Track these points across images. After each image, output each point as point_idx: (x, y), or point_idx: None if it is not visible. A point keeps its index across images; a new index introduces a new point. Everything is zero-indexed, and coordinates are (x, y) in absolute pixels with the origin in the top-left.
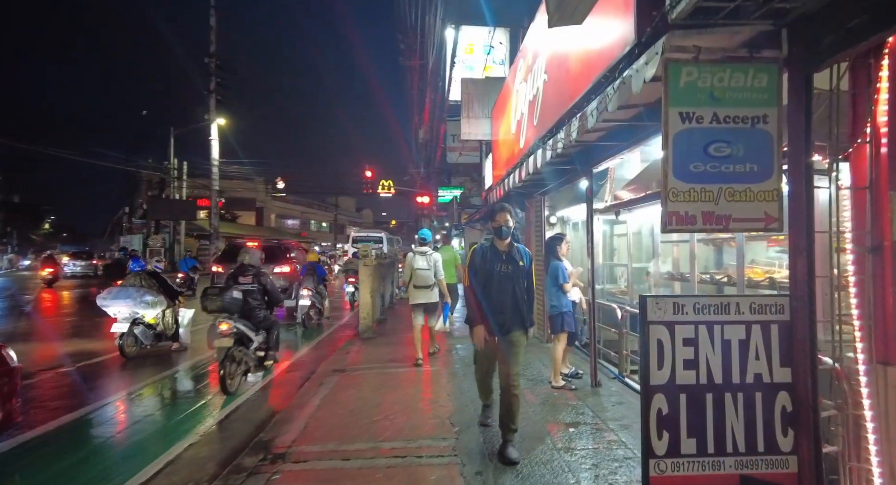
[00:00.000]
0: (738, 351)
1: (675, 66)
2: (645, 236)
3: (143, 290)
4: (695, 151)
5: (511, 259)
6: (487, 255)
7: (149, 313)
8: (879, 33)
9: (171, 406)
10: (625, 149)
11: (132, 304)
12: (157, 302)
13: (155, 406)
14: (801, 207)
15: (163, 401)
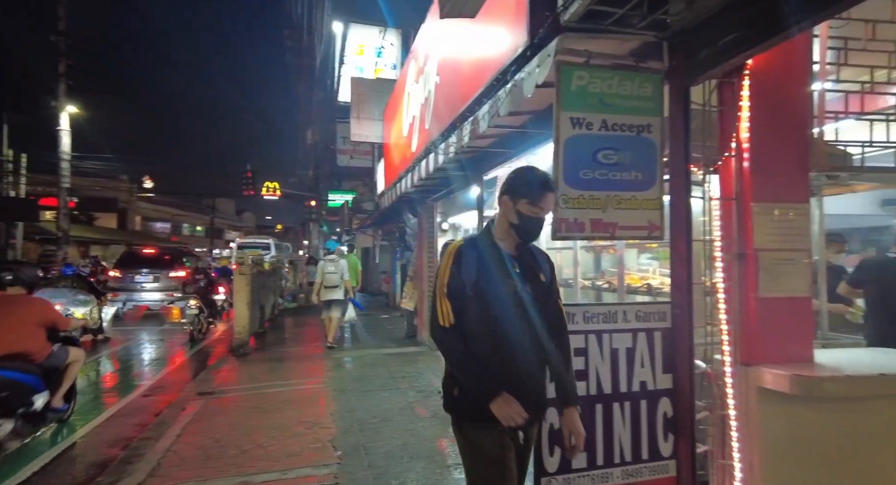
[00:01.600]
0: (626, 359)
1: (568, 69)
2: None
3: (76, 290)
4: (585, 157)
5: (527, 271)
6: (488, 263)
7: (80, 310)
8: (744, 52)
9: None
10: (514, 157)
11: (66, 302)
12: (88, 300)
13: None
14: (681, 216)
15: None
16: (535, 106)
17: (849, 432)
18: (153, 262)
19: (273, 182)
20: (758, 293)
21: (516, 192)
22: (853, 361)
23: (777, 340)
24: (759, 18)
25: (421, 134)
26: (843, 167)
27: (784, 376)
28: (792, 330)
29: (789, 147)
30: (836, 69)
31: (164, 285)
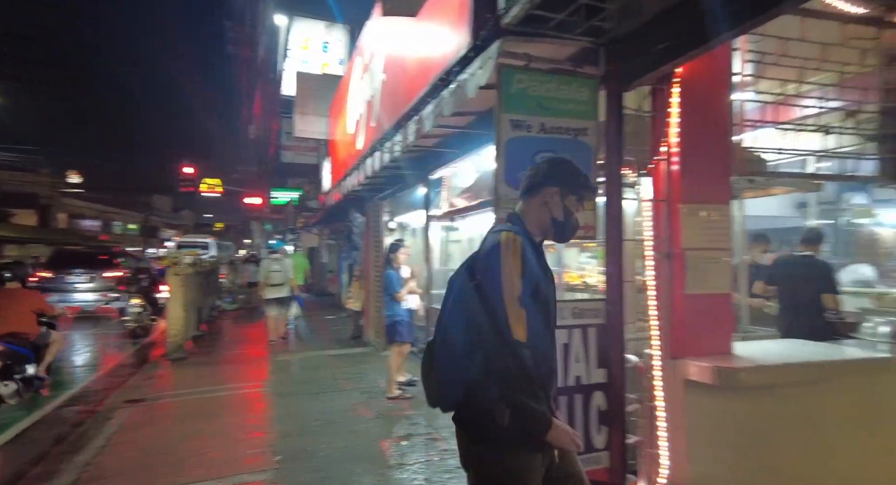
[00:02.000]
0: (563, 356)
1: (508, 71)
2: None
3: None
4: (524, 158)
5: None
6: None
7: None
8: (673, 61)
9: None
10: (459, 157)
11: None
12: None
13: None
14: (614, 217)
15: None
16: (479, 107)
17: (763, 417)
18: (87, 261)
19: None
20: (685, 290)
21: (569, 185)
22: (767, 352)
23: (701, 335)
24: (687, 30)
25: (367, 131)
26: (760, 172)
27: (707, 368)
28: (714, 325)
29: (713, 152)
30: (754, 81)
31: (98, 286)
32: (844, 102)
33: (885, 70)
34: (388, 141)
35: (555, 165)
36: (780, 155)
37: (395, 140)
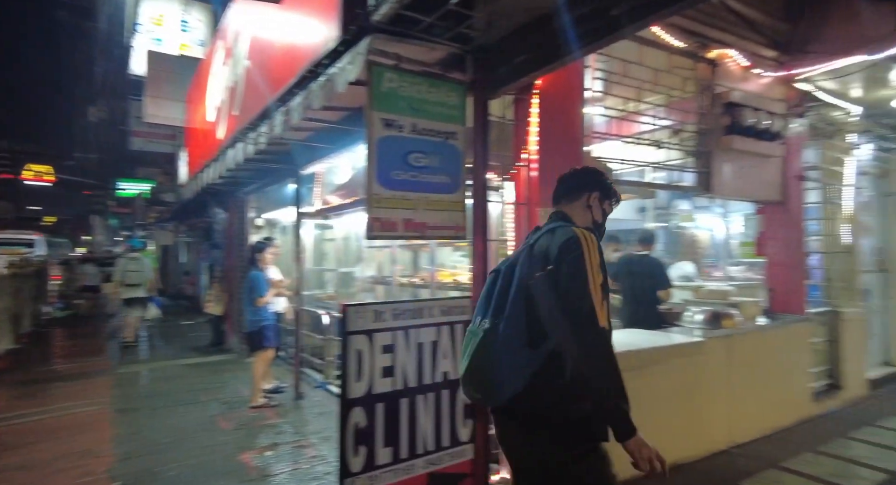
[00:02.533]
0: (430, 352)
1: (379, 70)
2: (352, 241)
3: None
4: (396, 158)
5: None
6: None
7: None
8: (533, 72)
9: None
10: (334, 152)
11: None
12: None
13: None
14: (479, 218)
15: None
16: (352, 103)
17: None
18: None
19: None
20: None
21: (607, 191)
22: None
23: None
24: (544, 44)
25: (229, 120)
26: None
27: None
28: None
29: (568, 160)
30: (602, 97)
31: None
32: (672, 122)
33: (700, 97)
34: (252, 132)
35: (594, 173)
36: (623, 165)
37: (260, 131)
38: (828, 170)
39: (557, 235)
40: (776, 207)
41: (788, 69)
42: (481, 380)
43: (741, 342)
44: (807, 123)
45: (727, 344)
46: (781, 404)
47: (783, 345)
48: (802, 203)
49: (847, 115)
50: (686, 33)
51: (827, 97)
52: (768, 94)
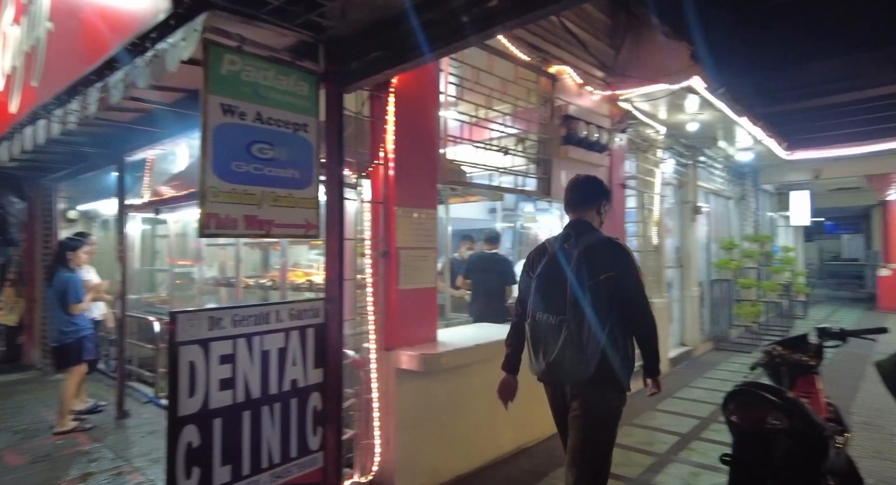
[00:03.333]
0: (277, 360)
1: (218, 50)
2: (191, 238)
3: None
4: (238, 148)
5: None
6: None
7: None
8: (387, 70)
9: None
10: (167, 138)
11: None
12: None
13: None
14: (334, 216)
15: None
16: (190, 84)
17: (457, 393)
18: None
19: None
20: (398, 286)
21: (608, 198)
22: (463, 336)
23: (412, 326)
24: (398, 43)
25: (25, 92)
26: (461, 182)
27: (415, 356)
28: (423, 316)
29: (424, 161)
30: (455, 102)
31: None
32: (517, 130)
33: (541, 108)
34: (58, 109)
35: (601, 182)
36: (475, 168)
37: (70, 109)
38: (642, 179)
39: (610, 246)
40: None
41: (613, 89)
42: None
43: None
44: (627, 138)
45: None
46: None
47: None
48: (623, 208)
49: (657, 133)
50: (530, 47)
51: (642, 117)
52: (597, 111)
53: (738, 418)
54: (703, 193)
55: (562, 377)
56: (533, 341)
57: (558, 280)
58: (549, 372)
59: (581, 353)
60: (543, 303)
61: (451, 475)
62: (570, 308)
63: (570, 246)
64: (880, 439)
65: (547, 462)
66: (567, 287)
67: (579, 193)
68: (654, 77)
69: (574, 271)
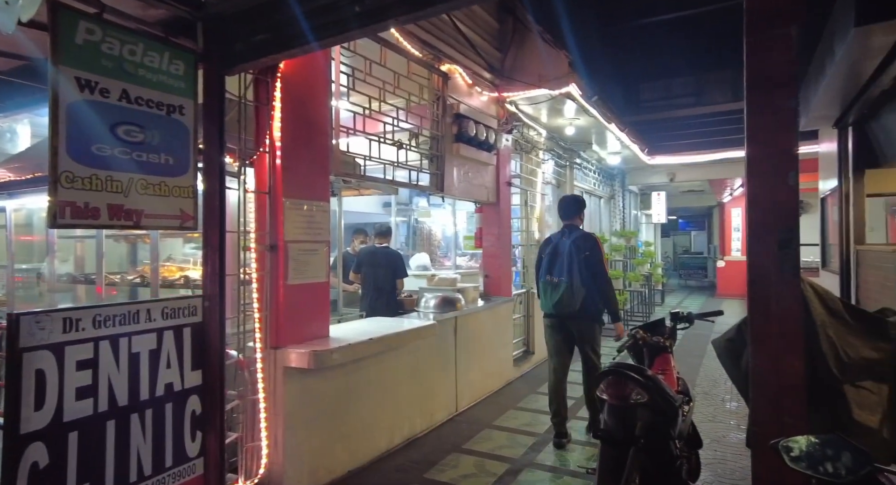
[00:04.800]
0: (149, 363)
1: (70, 16)
2: (37, 229)
3: None
4: (100, 129)
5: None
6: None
7: None
8: (272, 54)
9: None
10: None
11: None
12: None
13: None
14: (214, 207)
15: None
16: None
17: (349, 388)
18: None
19: None
20: (287, 281)
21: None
22: (355, 331)
23: (302, 322)
24: (284, 27)
25: None
26: (354, 175)
27: (304, 354)
28: (314, 312)
29: (315, 151)
30: (347, 92)
31: None
32: (411, 125)
33: (434, 105)
34: None
35: (582, 199)
36: (369, 161)
37: None
38: (526, 178)
39: (588, 238)
40: (491, 207)
41: (500, 91)
42: (567, 304)
43: (464, 322)
44: (512, 139)
45: (454, 324)
46: (494, 372)
47: (496, 322)
48: (510, 205)
49: (539, 135)
50: (422, 44)
51: (526, 119)
52: (486, 111)
53: (608, 396)
54: (578, 192)
55: (561, 312)
56: (544, 291)
57: (559, 257)
58: (554, 309)
59: (572, 298)
60: (552, 270)
61: (342, 471)
62: (566, 272)
63: (566, 238)
64: (714, 406)
65: (436, 450)
66: (565, 260)
67: (570, 207)
68: (536, 82)
69: (568, 252)
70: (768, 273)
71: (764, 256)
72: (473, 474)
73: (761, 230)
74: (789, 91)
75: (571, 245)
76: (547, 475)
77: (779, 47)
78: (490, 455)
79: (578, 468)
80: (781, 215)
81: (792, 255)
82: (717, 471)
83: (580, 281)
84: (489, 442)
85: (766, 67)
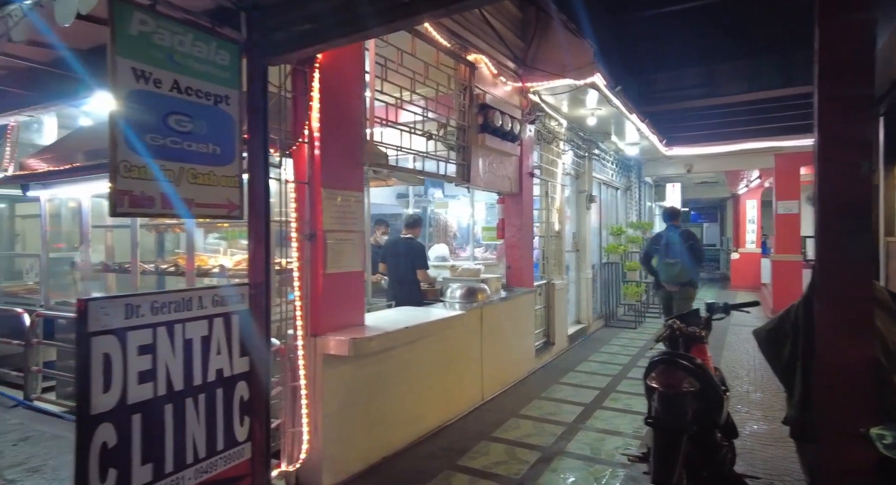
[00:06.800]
0: (201, 349)
1: (125, 7)
2: (68, 219)
3: None
4: (153, 119)
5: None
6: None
7: None
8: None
9: None
10: (37, 103)
11: None
12: None
13: None
14: (259, 196)
15: None
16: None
17: (379, 377)
18: None
19: None
20: (325, 270)
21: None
22: (386, 320)
23: (339, 311)
24: (333, 16)
25: None
26: (386, 165)
27: (344, 341)
28: (350, 301)
29: (349, 141)
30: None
31: None
32: (438, 115)
33: (460, 95)
34: None
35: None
36: (399, 152)
37: None
38: (546, 169)
39: (690, 233)
40: (513, 198)
41: (524, 81)
42: (679, 276)
43: (490, 312)
44: (535, 129)
45: (479, 315)
46: (517, 361)
47: (518, 312)
48: (532, 195)
49: (560, 125)
50: (450, 33)
51: (548, 109)
52: (510, 101)
53: (659, 384)
54: (596, 183)
55: (676, 281)
56: (665, 269)
57: (673, 245)
58: (667, 280)
59: (683, 271)
60: (668, 254)
61: (377, 458)
62: (679, 255)
63: (673, 233)
64: (738, 397)
65: (465, 438)
66: (678, 248)
67: (674, 214)
68: (560, 72)
69: (678, 242)
70: (839, 261)
71: (834, 243)
72: (505, 462)
73: (831, 218)
74: (864, 78)
75: (680, 238)
76: (579, 464)
77: (854, 33)
78: (519, 443)
79: (621, 455)
80: (852, 203)
81: (862, 242)
82: (748, 460)
83: (687, 261)
84: (517, 430)
85: (839, 54)
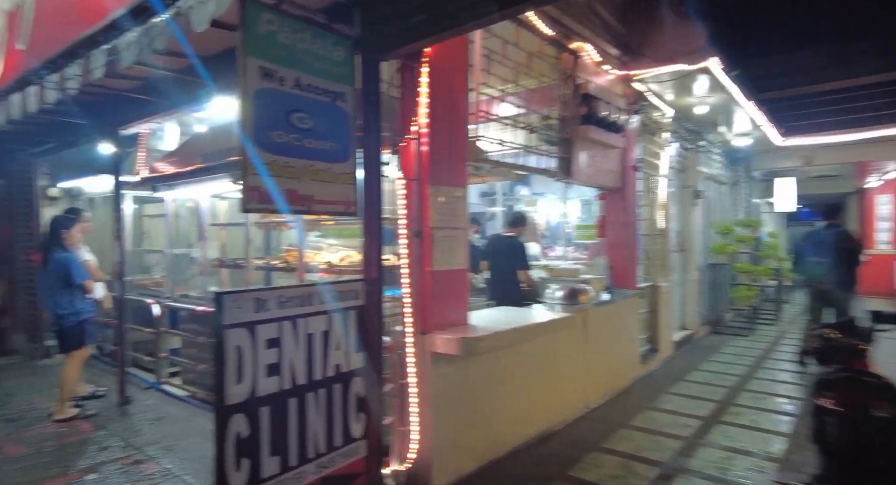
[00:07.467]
0: (322, 344)
1: (255, 7)
2: (186, 218)
3: None
4: (277, 117)
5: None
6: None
7: None
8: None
9: None
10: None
11: None
12: None
13: None
14: (373, 193)
15: None
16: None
17: (486, 377)
18: None
19: None
20: (432, 267)
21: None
22: (489, 319)
23: (445, 309)
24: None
25: (9, 56)
26: (487, 160)
27: (453, 340)
28: (455, 298)
29: (454, 137)
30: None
31: None
32: (541, 107)
33: (562, 86)
34: (54, 74)
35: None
36: (502, 146)
37: (66, 74)
38: (650, 162)
39: (847, 235)
40: (615, 194)
41: (628, 69)
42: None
43: (594, 316)
44: (639, 120)
45: (583, 317)
46: (621, 368)
47: (623, 316)
48: (635, 191)
49: (663, 116)
50: (553, 21)
51: (652, 98)
52: (613, 91)
53: (837, 404)
54: (702, 177)
55: (823, 280)
56: (808, 269)
57: (823, 244)
58: (819, 280)
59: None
60: (818, 254)
61: (485, 460)
62: (832, 256)
63: (831, 232)
64: None
65: (572, 447)
66: (829, 247)
67: (836, 210)
68: (669, 57)
69: (834, 242)
70: None
71: None
72: (621, 476)
73: None
74: None
75: (835, 238)
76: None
77: None
78: (633, 457)
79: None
80: None
81: None
82: None
83: (837, 262)
84: (628, 442)
85: None
